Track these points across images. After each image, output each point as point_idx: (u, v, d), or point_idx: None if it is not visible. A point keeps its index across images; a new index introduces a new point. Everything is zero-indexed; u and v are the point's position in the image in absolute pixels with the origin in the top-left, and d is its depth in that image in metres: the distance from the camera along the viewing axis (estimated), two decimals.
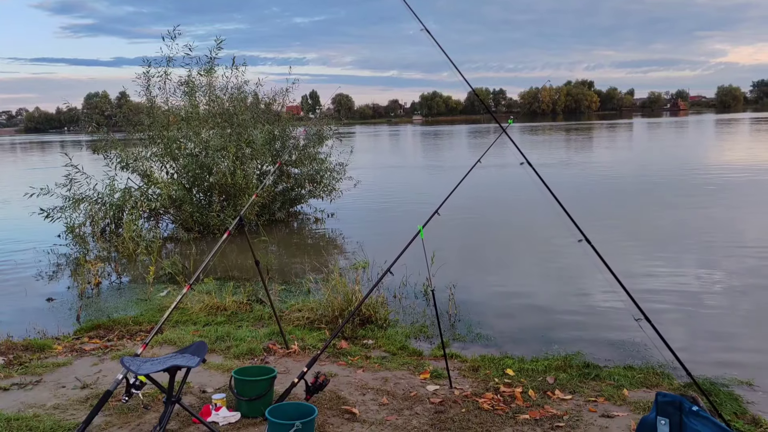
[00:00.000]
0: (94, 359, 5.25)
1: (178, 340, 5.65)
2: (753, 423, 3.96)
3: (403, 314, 6.68)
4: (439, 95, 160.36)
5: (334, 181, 13.68)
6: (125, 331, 6.13)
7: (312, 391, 3.94)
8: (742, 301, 6.87)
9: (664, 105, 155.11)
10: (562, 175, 19.53)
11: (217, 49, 12.66)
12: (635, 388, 4.48)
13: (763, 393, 4.49)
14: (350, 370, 4.91)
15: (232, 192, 11.82)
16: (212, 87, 12.95)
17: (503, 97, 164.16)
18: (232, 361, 5.11)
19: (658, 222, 11.73)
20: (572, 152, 31.31)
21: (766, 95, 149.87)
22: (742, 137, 39.11)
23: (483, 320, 6.42)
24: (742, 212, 12.41)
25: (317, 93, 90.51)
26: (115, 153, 12.10)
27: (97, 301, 7.60)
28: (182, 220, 11.87)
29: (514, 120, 6.22)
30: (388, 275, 4.24)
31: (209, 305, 6.70)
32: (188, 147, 12.38)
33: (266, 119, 13.35)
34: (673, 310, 6.58)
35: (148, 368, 3.45)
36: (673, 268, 8.31)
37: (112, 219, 11.68)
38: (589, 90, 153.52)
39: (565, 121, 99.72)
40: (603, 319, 6.34)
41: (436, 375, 4.74)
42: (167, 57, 12.20)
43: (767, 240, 9.68)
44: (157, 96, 12.64)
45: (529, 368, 4.88)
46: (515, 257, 9.50)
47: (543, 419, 3.95)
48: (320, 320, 6.13)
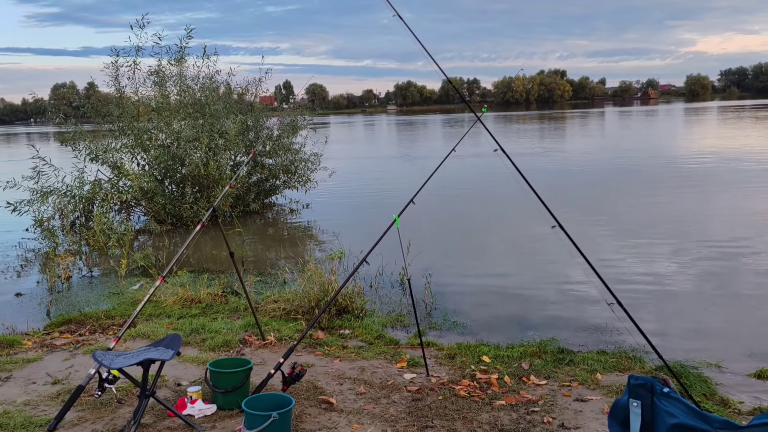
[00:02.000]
0: (65, 354, 5.16)
1: (151, 333, 5.58)
2: (722, 404, 4.06)
3: (380, 303, 6.69)
4: (413, 85, 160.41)
5: (309, 172, 13.60)
6: (97, 325, 6.03)
7: (289, 381, 3.92)
8: (713, 285, 7.02)
9: (635, 94, 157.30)
10: (536, 163, 19.71)
11: (188, 38, 12.46)
12: (608, 372, 4.56)
13: (731, 375, 4.61)
14: (327, 360, 4.90)
15: (205, 183, 11.68)
16: (183, 77, 12.74)
17: (477, 86, 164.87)
18: (207, 353, 5.07)
19: (632, 209, 11.91)
20: (546, 141, 31.60)
21: (733, 84, 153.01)
22: (710, 125, 39.88)
23: (459, 308, 6.46)
24: (713, 199, 12.67)
25: (291, 83, 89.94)
26: (84, 145, 11.85)
27: (67, 296, 7.46)
28: (154, 212, 11.69)
29: (488, 109, 6.24)
30: (364, 265, 4.23)
31: (183, 298, 6.62)
32: (159, 138, 12.19)
33: (239, 109, 13.19)
34: (646, 295, 6.70)
35: (121, 362, 3.40)
36: (646, 253, 8.46)
37: (81, 212, 11.46)
38: (561, 79, 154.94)
39: (538, 110, 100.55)
40: (577, 306, 6.43)
41: (413, 363, 4.77)
42: (136, 46, 11.97)
43: (737, 226, 9.89)
44: (126, 86, 12.41)
45: (505, 355, 4.93)
46: (490, 245, 9.58)
47: (519, 404, 4.00)
48: (296, 311, 6.10)
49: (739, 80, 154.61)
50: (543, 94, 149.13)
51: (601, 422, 3.70)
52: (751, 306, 6.32)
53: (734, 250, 8.41)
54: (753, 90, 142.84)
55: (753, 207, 11.28)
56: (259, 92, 14.01)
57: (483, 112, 5.60)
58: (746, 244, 8.64)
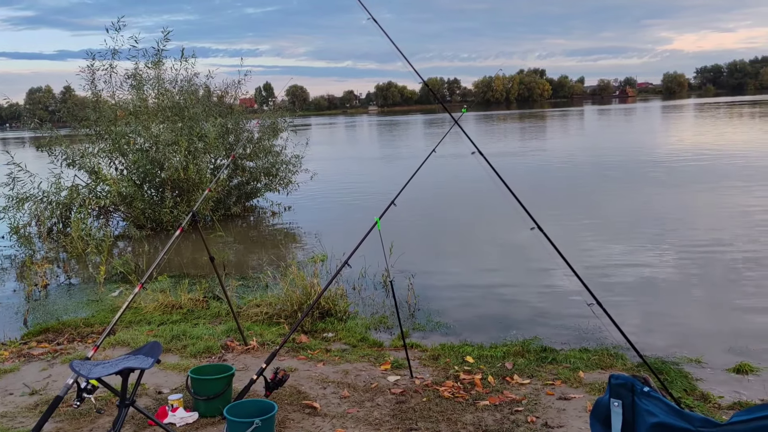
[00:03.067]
0: (43, 364, 5.07)
1: (131, 340, 5.51)
2: (702, 399, 4.11)
3: (363, 306, 6.67)
4: (394, 85, 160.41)
5: (290, 174, 13.54)
6: (76, 333, 5.93)
7: (271, 387, 3.89)
8: (693, 282, 7.10)
9: (613, 92, 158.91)
10: (517, 163, 19.82)
11: (165, 41, 12.35)
12: (590, 369, 4.59)
13: (711, 370, 4.66)
14: (310, 364, 4.87)
15: (185, 187, 11.57)
16: (161, 80, 12.61)
17: (458, 86, 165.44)
18: (188, 360, 5.01)
19: (612, 207, 12.03)
20: (527, 140, 31.81)
21: (709, 81, 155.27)
22: (688, 123, 40.44)
23: (442, 309, 6.46)
24: (693, 196, 12.82)
25: (271, 85, 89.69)
26: (60, 150, 11.68)
27: (45, 304, 7.33)
28: (134, 217, 11.56)
29: (467, 109, 6.26)
30: (346, 267, 4.21)
31: (164, 304, 6.54)
32: (138, 142, 12.04)
33: (219, 112, 13.09)
34: (628, 292, 6.76)
35: (100, 371, 3.34)
36: (627, 251, 8.54)
37: (59, 218, 11.30)
38: (541, 78, 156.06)
39: (518, 109, 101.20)
40: (559, 304, 6.46)
41: (396, 365, 4.75)
42: (112, 50, 11.83)
43: (716, 223, 10.02)
44: (102, 90, 12.26)
45: (488, 355, 4.94)
46: (473, 246, 9.60)
47: (502, 404, 4.00)
48: (279, 315, 6.06)
49: (714, 77, 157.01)
50: (523, 93, 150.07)
51: (584, 420, 3.72)
52: (730, 302, 6.40)
53: (714, 246, 8.51)
54: (728, 87, 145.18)
55: (732, 203, 11.44)
56: (239, 94, 13.91)
57: (463, 112, 5.62)
58: (726, 241, 8.76)
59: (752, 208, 10.76)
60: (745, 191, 12.49)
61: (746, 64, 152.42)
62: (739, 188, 12.94)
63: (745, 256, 7.92)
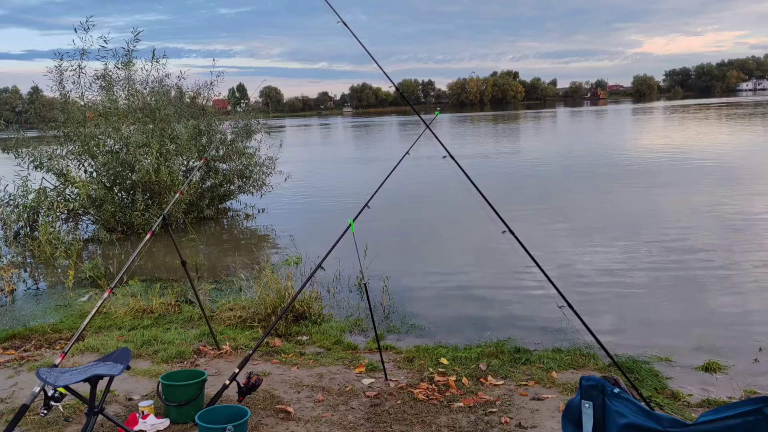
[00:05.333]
0: (9, 371, 4.94)
1: (101, 346, 5.40)
2: (672, 397, 4.18)
3: (338, 308, 6.64)
4: (368, 87, 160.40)
5: (264, 176, 13.43)
6: (43, 339, 5.80)
7: (244, 392, 3.85)
8: (663, 281, 7.22)
9: (585, 94, 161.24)
10: (490, 164, 19.97)
11: (135, 41, 12.16)
12: (563, 369, 4.63)
13: (680, 368, 4.74)
14: (285, 368, 4.84)
15: (156, 189, 11.40)
16: (131, 81, 12.42)
17: (432, 88, 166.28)
18: (160, 365, 4.93)
19: (583, 208, 12.19)
20: (501, 142, 32.07)
21: (678, 84, 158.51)
22: (657, 125, 41.20)
23: (417, 311, 6.47)
24: (661, 196, 13.06)
25: (245, 86, 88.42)
26: (27, 151, 11.43)
27: (11, 310, 7.15)
28: (104, 221, 11.35)
29: (440, 111, 6.30)
30: (320, 270, 4.19)
31: (135, 308, 6.43)
32: (108, 144, 11.84)
33: (191, 113, 12.93)
34: (599, 293, 6.85)
35: (67, 379, 3.27)
36: (598, 251, 8.65)
37: (26, 222, 11.04)
38: (514, 80, 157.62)
39: (492, 110, 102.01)
40: (533, 305, 6.52)
41: (371, 368, 4.74)
42: (81, 50, 11.61)
43: (685, 222, 10.22)
44: (71, 91, 12.02)
45: (463, 356, 4.96)
46: (447, 248, 9.64)
47: (477, 406, 4.02)
48: (253, 318, 6.00)
49: (683, 80, 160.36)
50: (497, 95, 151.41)
51: (557, 420, 3.75)
52: (699, 301, 6.52)
53: (684, 246, 8.67)
54: (696, 89, 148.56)
55: (701, 203, 11.67)
56: (212, 95, 13.76)
57: (436, 114, 5.65)
58: (696, 240, 8.93)
59: (721, 208, 10.99)
60: (715, 192, 12.76)
61: (713, 67, 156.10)
62: (708, 189, 13.22)
63: (713, 255, 8.08)
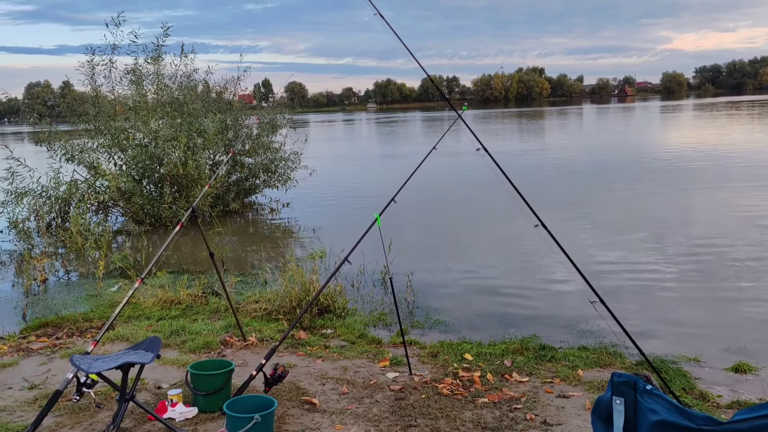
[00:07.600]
0: (42, 358, 5.06)
1: (130, 335, 5.50)
2: (701, 398, 4.12)
3: (362, 303, 6.67)
4: (393, 83, 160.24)
5: (289, 171, 13.54)
6: (75, 328, 5.93)
7: (271, 383, 3.89)
8: (693, 281, 7.11)
9: (612, 91, 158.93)
10: (518, 160, 19.81)
11: (164, 36, 12.32)
12: (589, 368, 4.60)
13: (709, 369, 4.67)
14: (309, 360, 4.87)
15: (184, 183, 11.56)
16: (160, 75, 12.59)
17: (457, 84, 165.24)
18: (187, 355, 5.01)
19: (614, 205, 12.04)
20: (527, 138, 31.81)
21: (708, 81, 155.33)
22: (687, 123, 40.46)
23: (441, 306, 6.47)
24: (694, 195, 12.83)
25: (270, 81, 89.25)
26: (59, 144, 11.66)
27: (44, 299, 7.32)
28: (132, 213, 11.54)
29: (468, 107, 6.25)
30: (345, 264, 4.21)
31: (163, 299, 6.54)
32: (137, 137, 12.03)
33: (218, 108, 13.07)
34: (627, 291, 6.77)
35: (100, 366, 3.34)
36: (628, 249, 8.54)
37: (58, 213, 11.28)
38: (540, 77, 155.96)
39: (517, 107, 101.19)
40: (558, 302, 6.47)
41: (395, 362, 4.76)
42: (112, 45, 11.80)
43: (716, 222, 10.04)
44: (102, 85, 12.23)
45: (487, 352, 4.95)
46: (473, 243, 9.60)
47: (501, 402, 4.01)
48: (278, 311, 6.06)
49: (713, 77, 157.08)
50: (522, 92, 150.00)
51: (583, 418, 3.73)
52: (729, 301, 6.41)
53: (715, 246, 8.51)
54: (727, 87, 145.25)
55: (733, 204, 11.45)
56: (238, 91, 13.90)
57: (463, 109, 5.62)
58: (726, 241, 8.76)
59: (753, 208, 10.77)
60: (747, 192, 12.50)
61: (745, 64, 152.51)
62: (740, 189, 12.95)
63: (744, 255, 7.93)
